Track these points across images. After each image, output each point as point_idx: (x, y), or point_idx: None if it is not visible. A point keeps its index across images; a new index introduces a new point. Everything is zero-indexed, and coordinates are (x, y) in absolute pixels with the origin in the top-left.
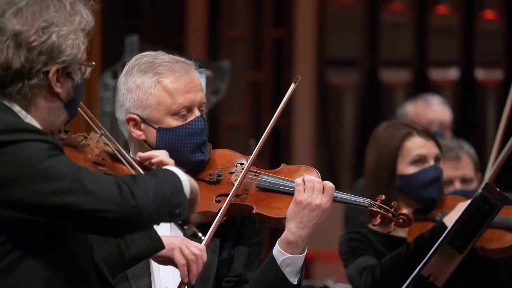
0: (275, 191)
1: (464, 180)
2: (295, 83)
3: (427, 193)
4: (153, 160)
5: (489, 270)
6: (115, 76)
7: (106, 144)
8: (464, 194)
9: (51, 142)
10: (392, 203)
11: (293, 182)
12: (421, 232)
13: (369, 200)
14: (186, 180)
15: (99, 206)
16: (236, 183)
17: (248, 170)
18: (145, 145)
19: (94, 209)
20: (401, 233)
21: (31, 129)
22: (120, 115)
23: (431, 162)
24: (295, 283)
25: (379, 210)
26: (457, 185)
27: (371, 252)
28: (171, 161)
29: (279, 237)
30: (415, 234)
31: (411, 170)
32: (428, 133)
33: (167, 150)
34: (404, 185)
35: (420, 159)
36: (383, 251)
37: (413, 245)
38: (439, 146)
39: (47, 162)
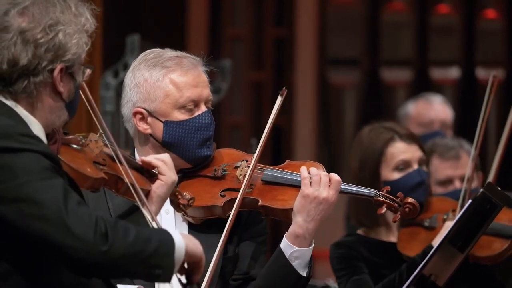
0: (280, 184)
1: (464, 179)
2: (281, 95)
3: (413, 197)
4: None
5: (485, 269)
6: (116, 75)
7: (105, 144)
8: (458, 194)
9: (49, 156)
10: (398, 193)
11: (299, 175)
12: (410, 238)
13: (374, 191)
14: (181, 244)
15: (69, 242)
16: (244, 179)
17: (255, 165)
18: (151, 139)
19: (64, 243)
20: (392, 238)
21: (31, 135)
22: (126, 110)
23: (415, 166)
24: (305, 275)
25: (385, 200)
26: (457, 184)
27: (362, 265)
28: (167, 169)
29: (280, 240)
30: (404, 239)
31: (395, 175)
32: (410, 137)
33: (173, 144)
34: (390, 191)
35: (403, 164)
36: (372, 258)
37: (406, 271)
38: (422, 149)
39: (35, 185)
